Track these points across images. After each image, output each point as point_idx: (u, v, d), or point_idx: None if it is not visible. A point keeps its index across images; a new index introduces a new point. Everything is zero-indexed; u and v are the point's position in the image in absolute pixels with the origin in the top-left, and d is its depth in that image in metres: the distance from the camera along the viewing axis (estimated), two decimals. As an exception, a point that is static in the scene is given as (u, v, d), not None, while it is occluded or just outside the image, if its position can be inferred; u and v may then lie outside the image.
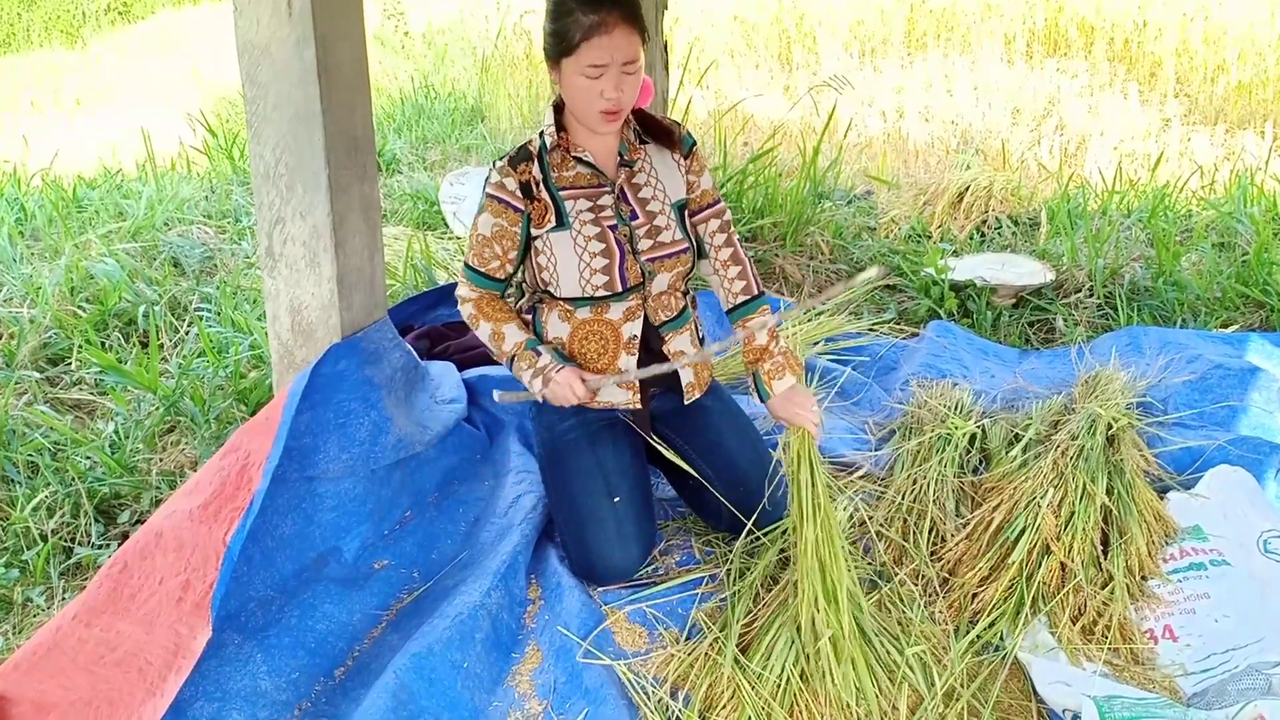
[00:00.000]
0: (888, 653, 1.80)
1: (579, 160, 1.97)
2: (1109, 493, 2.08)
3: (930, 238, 4.08)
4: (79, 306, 3.19)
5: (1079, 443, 2.16)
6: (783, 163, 4.87)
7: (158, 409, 2.59)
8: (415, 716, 1.63)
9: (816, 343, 2.96)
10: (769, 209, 4.05)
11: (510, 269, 2.01)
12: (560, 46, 1.85)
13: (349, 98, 1.93)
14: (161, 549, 1.73)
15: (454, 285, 3.31)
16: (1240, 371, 2.60)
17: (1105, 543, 2.03)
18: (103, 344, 3.01)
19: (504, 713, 1.70)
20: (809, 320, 3.17)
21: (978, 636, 1.89)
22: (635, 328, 2.02)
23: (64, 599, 2.03)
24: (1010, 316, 3.36)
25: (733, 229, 2.12)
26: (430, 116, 6.85)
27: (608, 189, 1.99)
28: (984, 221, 4.21)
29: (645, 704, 1.70)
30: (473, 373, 2.59)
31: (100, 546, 2.18)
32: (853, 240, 3.98)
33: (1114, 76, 7.39)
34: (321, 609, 1.84)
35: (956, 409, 2.45)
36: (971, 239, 4.09)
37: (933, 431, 2.35)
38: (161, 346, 2.99)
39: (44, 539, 2.16)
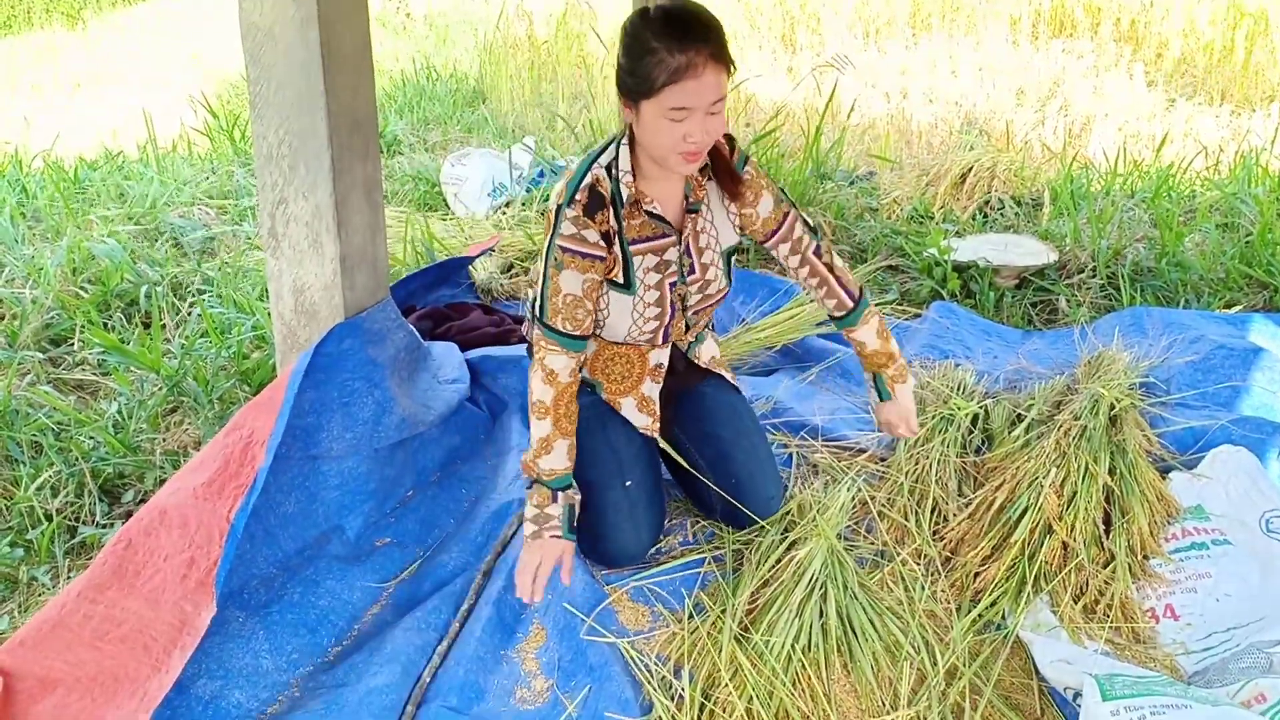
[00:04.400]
0: (890, 632, 1.80)
1: (649, 213, 1.85)
2: (1111, 473, 2.08)
3: (933, 218, 4.06)
4: (81, 287, 3.19)
5: (1081, 423, 2.16)
6: (785, 144, 4.86)
7: (161, 389, 2.59)
8: (420, 695, 1.64)
9: (820, 324, 2.96)
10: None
11: (600, 315, 1.90)
12: (640, 88, 1.68)
13: (352, 79, 1.92)
14: (166, 526, 1.74)
15: (454, 261, 3.35)
16: (1243, 352, 2.60)
17: (1107, 522, 2.04)
18: (105, 324, 3.02)
19: (509, 690, 1.71)
20: (813, 301, 3.16)
21: (980, 615, 1.89)
22: (662, 356, 2.01)
23: (69, 578, 2.04)
24: (1013, 297, 3.35)
25: (808, 243, 1.98)
26: (432, 98, 6.83)
27: (673, 240, 1.89)
28: (987, 202, 4.19)
29: (648, 681, 1.71)
30: (475, 353, 2.59)
31: (105, 526, 2.18)
32: (855, 221, 3.97)
33: (1120, 57, 7.34)
34: (324, 585, 1.85)
35: (959, 389, 2.44)
36: (974, 220, 4.08)
37: (935, 412, 2.35)
38: (164, 327, 2.99)
39: (49, 518, 2.17)
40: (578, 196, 1.77)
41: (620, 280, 1.85)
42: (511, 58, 7.06)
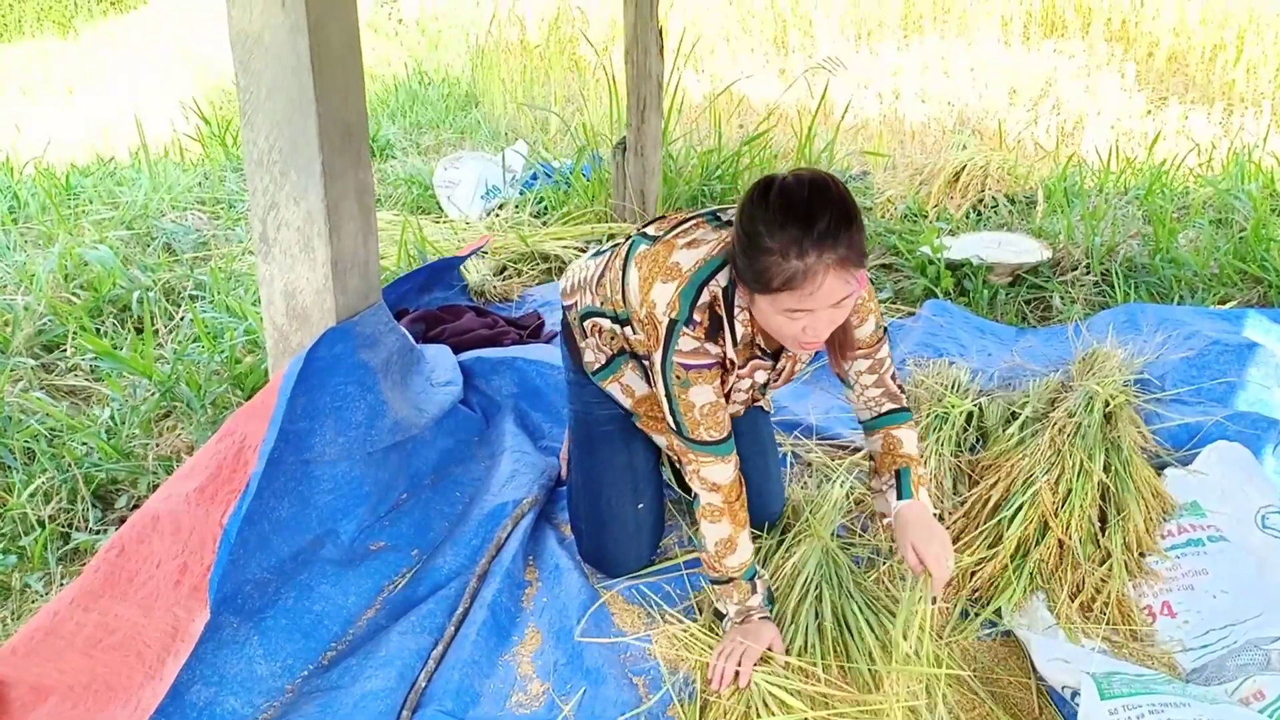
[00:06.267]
0: (886, 632, 1.80)
1: (758, 346, 1.73)
2: (1107, 470, 2.08)
3: (926, 217, 4.07)
4: (73, 293, 3.18)
5: (1076, 420, 2.16)
6: (778, 145, 4.86)
7: (153, 395, 2.58)
8: (415, 699, 1.63)
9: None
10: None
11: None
12: (754, 282, 1.49)
13: (342, 84, 1.92)
14: (158, 532, 1.72)
15: (444, 262, 3.34)
16: (1238, 347, 2.60)
17: (1103, 520, 2.03)
18: (97, 330, 3.01)
19: (505, 694, 1.70)
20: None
21: (976, 614, 1.89)
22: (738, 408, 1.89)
23: (62, 584, 2.03)
24: (1007, 295, 3.35)
25: (885, 363, 1.80)
26: (424, 102, 6.83)
27: (769, 365, 1.79)
28: (980, 201, 4.20)
29: (644, 684, 1.70)
30: (468, 355, 2.58)
31: (98, 532, 2.17)
32: (849, 221, 3.96)
33: (1111, 56, 7.36)
34: (318, 590, 1.84)
35: (953, 387, 2.44)
36: (968, 218, 4.09)
37: (930, 410, 2.34)
38: (156, 332, 2.98)
39: (41, 525, 2.16)
40: (696, 318, 1.60)
41: None
42: (504, 61, 7.06)
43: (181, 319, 3.10)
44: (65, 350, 2.89)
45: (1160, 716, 1.44)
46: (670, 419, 1.69)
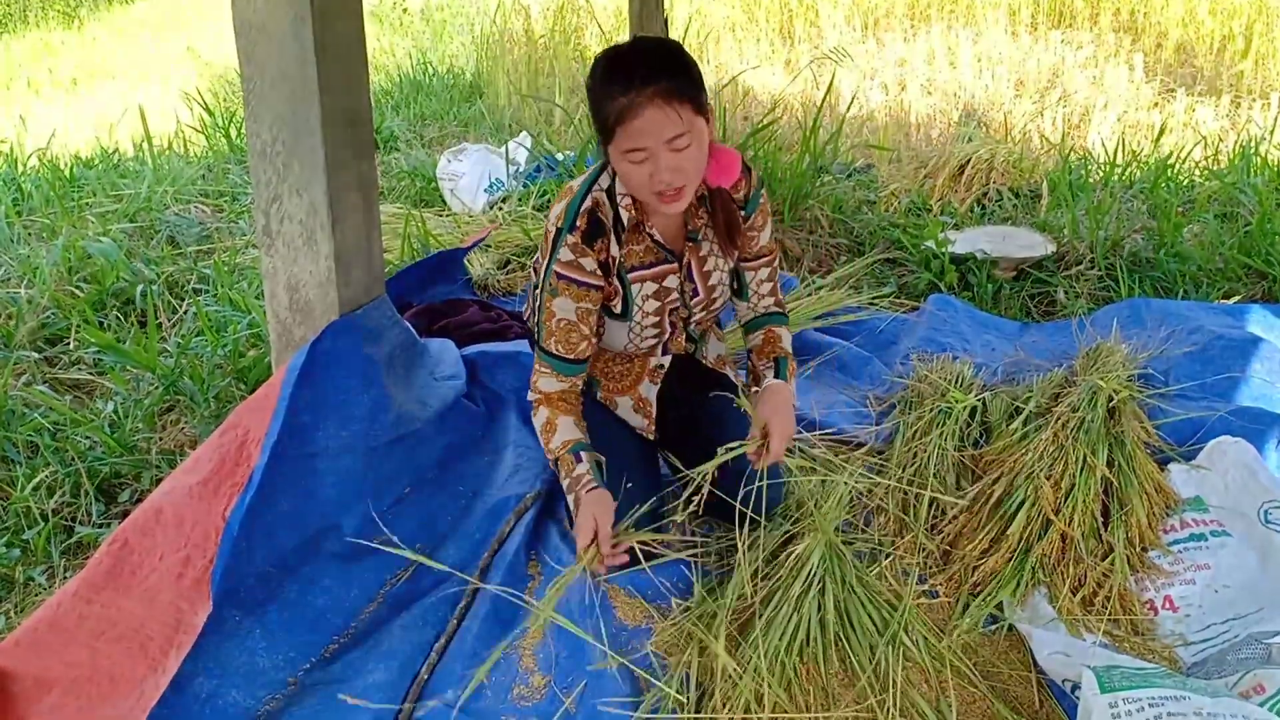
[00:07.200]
0: (888, 626, 1.80)
1: (650, 236, 1.84)
2: (1109, 464, 2.07)
3: (931, 211, 4.06)
4: (76, 286, 3.19)
5: (1080, 415, 2.16)
6: (783, 136, 4.84)
7: (157, 388, 2.59)
8: (417, 692, 1.64)
9: (817, 317, 2.95)
10: (769, 183, 4.03)
11: (597, 340, 1.89)
12: (601, 132, 1.69)
13: (346, 75, 1.91)
14: (162, 526, 1.73)
15: (447, 254, 3.34)
16: (1242, 342, 2.59)
17: (1106, 514, 2.03)
18: (101, 323, 3.01)
19: (507, 686, 1.70)
20: (809, 295, 3.16)
21: (978, 608, 1.89)
22: (664, 359, 2.00)
23: (65, 578, 2.04)
24: (1011, 289, 3.34)
25: (776, 273, 2.02)
26: (428, 93, 6.82)
27: (674, 267, 1.88)
28: (985, 194, 4.18)
29: (645, 677, 1.71)
30: (472, 349, 2.58)
31: (101, 525, 2.18)
32: (853, 214, 3.96)
33: (1119, 47, 7.32)
34: (320, 584, 1.84)
35: (957, 382, 2.44)
36: (972, 212, 4.07)
37: (933, 405, 2.34)
38: (160, 325, 2.99)
39: (45, 518, 2.16)
40: (578, 223, 1.75)
41: (617, 310, 1.85)
42: (508, 52, 7.04)
43: (185, 312, 3.11)
44: (68, 343, 2.90)
45: (1160, 710, 1.44)
46: (533, 320, 1.87)
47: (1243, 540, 1.95)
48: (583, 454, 1.83)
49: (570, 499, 1.82)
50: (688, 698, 1.66)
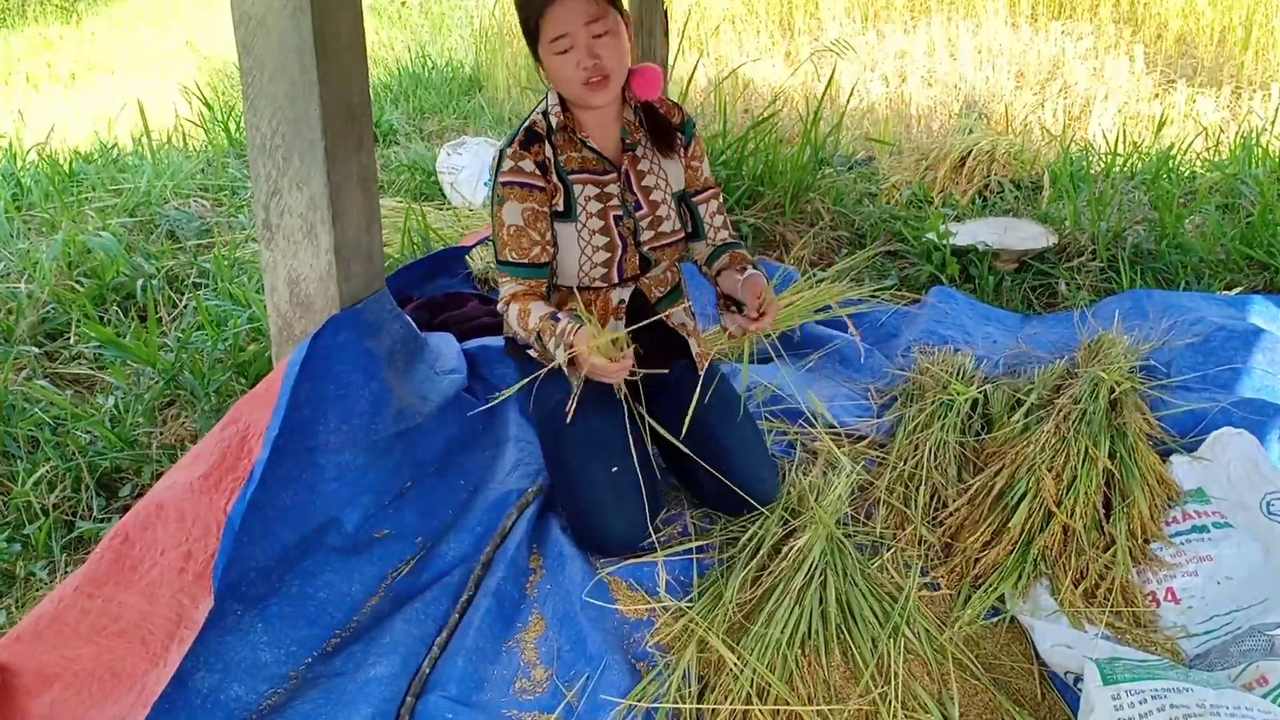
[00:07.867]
0: (889, 618, 1.80)
1: (584, 144, 1.95)
2: (1111, 456, 2.07)
3: (932, 203, 4.05)
4: (76, 281, 3.18)
5: (1081, 407, 2.15)
6: (783, 129, 4.83)
7: (157, 383, 2.58)
8: (419, 685, 1.64)
9: (819, 309, 2.94)
10: (769, 176, 4.02)
11: (552, 249, 1.94)
12: (529, 37, 1.85)
13: (345, 68, 1.91)
14: (163, 520, 1.73)
15: (450, 251, 3.33)
16: (1244, 333, 2.59)
17: (1108, 506, 2.03)
18: (101, 318, 3.01)
19: (509, 680, 1.71)
20: (811, 288, 3.15)
21: (980, 600, 1.89)
22: (624, 293, 2.02)
23: (66, 573, 2.04)
24: (1012, 281, 3.34)
25: (723, 206, 2.15)
26: (427, 86, 6.80)
27: (613, 175, 1.98)
28: (986, 186, 4.17)
29: (647, 670, 1.71)
30: (472, 343, 2.58)
31: (102, 520, 2.18)
32: (854, 206, 3.95)
33: (1119, 38, 7.30)
34: (322, 577, 1.84)
35: (958, 374, 2.44)
36: (973, 204, 4.06)
37: (934, 397, 2.34)
38: (160, 320, 2.98)
39: (45, 513, 2.16)
40: (518, 137, 1.92)
41: (561, 208, 1.93)
42: (508, 45, 7.02)
43: (185, 307, 3.10)
44: (69, 338, 2.89)
45: (1163, 702, 1.44)
46: (494, 243, 1.96)
47: (1245, 532, 1.95)
48: (560, 315, 1.86)
49: (562, 356, 1.78)
50: (689, 691, 1.66)
